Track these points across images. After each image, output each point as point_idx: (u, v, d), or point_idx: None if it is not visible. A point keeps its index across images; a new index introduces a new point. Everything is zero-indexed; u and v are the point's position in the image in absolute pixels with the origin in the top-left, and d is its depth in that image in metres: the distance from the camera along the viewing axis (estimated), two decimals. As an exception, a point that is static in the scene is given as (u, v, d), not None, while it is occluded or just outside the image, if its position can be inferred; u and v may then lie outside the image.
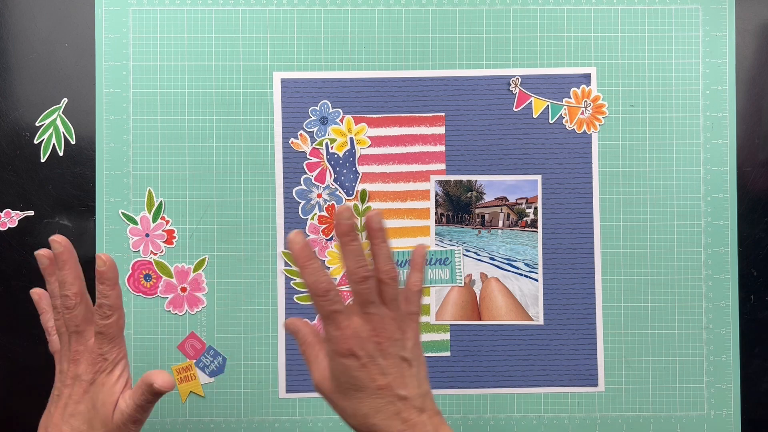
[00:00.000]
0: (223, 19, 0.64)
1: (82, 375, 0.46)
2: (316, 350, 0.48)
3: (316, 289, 0.45)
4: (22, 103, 0.64)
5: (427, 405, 0.45)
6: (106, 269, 0.47)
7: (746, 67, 0.64)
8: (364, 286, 0.44)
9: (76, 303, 0.47)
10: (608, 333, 0.64)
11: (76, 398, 0.46)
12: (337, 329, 0.45)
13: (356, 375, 0.44)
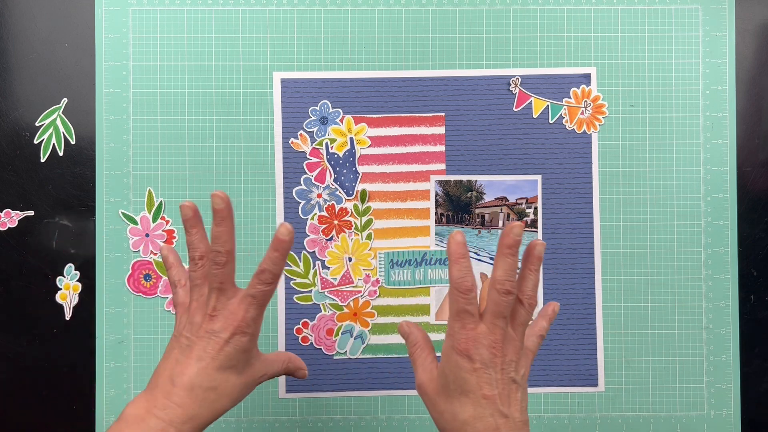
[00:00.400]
0: (223, 19, 0.64)
1: (220, 332, 0.46)
2: (425, 353, 0.49)
3: (460, 285, 0.45)
4: (22, 103, 0.64)
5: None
6: (286, 239, 0.48)
7: (746, 67, 0.65)
8: (505, 298, 0.45)
9: (227, 261, 0.47)
10: (608, 333, 0.64)
11: (212, 353, 0.46)
12: (462, 328, 0.45)
13: (465, 377, 0.44)
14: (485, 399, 0.44)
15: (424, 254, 0.64)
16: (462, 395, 0.44)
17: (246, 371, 0.47)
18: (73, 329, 0.64)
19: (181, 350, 0.46)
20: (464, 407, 0.44)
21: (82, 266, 0.64)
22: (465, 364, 0.44)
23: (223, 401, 0.46)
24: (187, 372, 0.45)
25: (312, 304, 0.64)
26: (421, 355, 0.48)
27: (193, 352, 0.46)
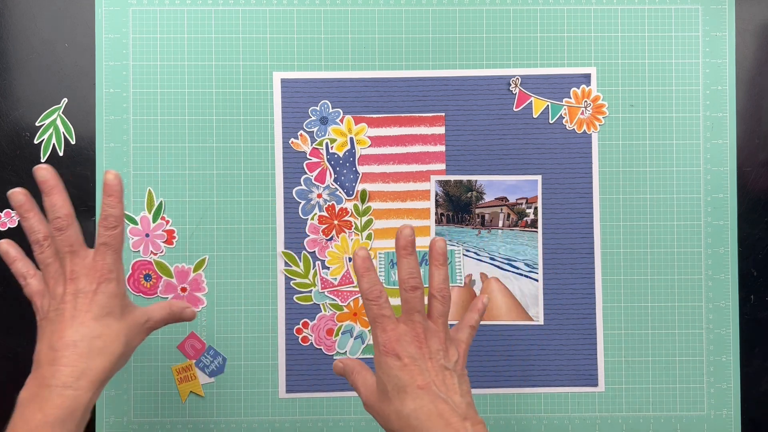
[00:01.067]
0: (223, 19, 0.64)
1: (84, 288, 0.47)
2: (362, 374, 0.51)
3: (370, 294, 0.47)
4: (22, 103, 0.64)
5: (470, 414, 0.46)
6: (115, 183, 0.48)
7: (746, 67, 0.65)
8: (413, 294, 0.47)
9: (68, 224, 0.48)
10: (608, 333, 0.64)
11: (83, 308, 0.47)
12: (383, 332, 0.47)
13: (398, 375, 0.46)
14: (421, 389, 0.46)
15: (424, 254, 0.64)
16: (400, 392, 0.46)
17: (125, 316, 0.48)
18: (73, 329, 0.64)
19: (51, 322, 0.47)
20: (404, 402, 0.46)
21: (82, 266, 0.64)
22: (395, 363, 0.46)
23: (112, 347, 0.46)
24: (65, 334, 0.46)
25: (312, 304, 0.64)
26: (359, 377, 0.50)
27: (65, 315, 0.46)
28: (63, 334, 0.46)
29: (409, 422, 0.45)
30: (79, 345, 0.45)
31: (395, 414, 0.46)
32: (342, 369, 0.52)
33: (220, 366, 0.64)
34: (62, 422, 0.44)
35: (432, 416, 0.45)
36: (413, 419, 0.45)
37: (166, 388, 0.64)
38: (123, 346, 0.48)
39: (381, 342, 0.47)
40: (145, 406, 0.64)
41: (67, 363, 0.45)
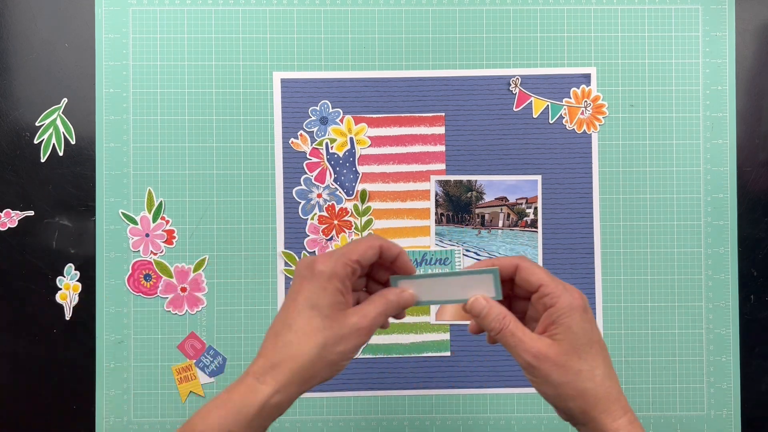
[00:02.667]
0: (223, 19, 0.64)
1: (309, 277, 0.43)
2: (519, 323, 0.44)
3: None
4: (22, 103, 0.64)
5: None
6: None
7: (746, 67, 0.64)
8: None
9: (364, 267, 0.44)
10: (608, 333, 0.64)
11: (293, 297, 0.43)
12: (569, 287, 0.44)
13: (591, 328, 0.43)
14: (600, 345, 0.43)
15: (424, 254, 0.64)
16: (592, 346, 0.42)
17: (334, 315, 0.42)
18: (73, 329, 0.64)
19: None
20: (596, 359, 0.42)
21: (82, 266, 0.64)
22: (588, 316, 0.43)
23: (301, 343, 0.41)
24: (275, 322, 0.43)
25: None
26: (519, 326, 0.43)
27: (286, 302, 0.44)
28: (275, 321, 0.43)
29: (604, 381, 0.42)
30: (279, 335, 0.42)
31: (589, 370, 0.42)
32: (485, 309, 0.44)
33: (220, 366, 0.64)
34: (237, 411, 0.41)
35: (613, 378, 0.43)
36: (607, 378, 0.42)
37: (166, 388, 0.64)
38: (318, 347, 0.41)
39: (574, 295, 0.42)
40: (145, 406, 0.64)
41: (263, 353, 0.42)
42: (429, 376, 0.64)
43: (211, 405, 0.42)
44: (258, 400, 0.41)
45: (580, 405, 0.42)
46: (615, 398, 0.42)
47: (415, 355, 0.64)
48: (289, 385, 0.41)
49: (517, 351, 0.43)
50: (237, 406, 0.41)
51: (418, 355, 0.64)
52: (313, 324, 0.41)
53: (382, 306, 0.44)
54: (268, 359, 0.41)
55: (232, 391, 0.42)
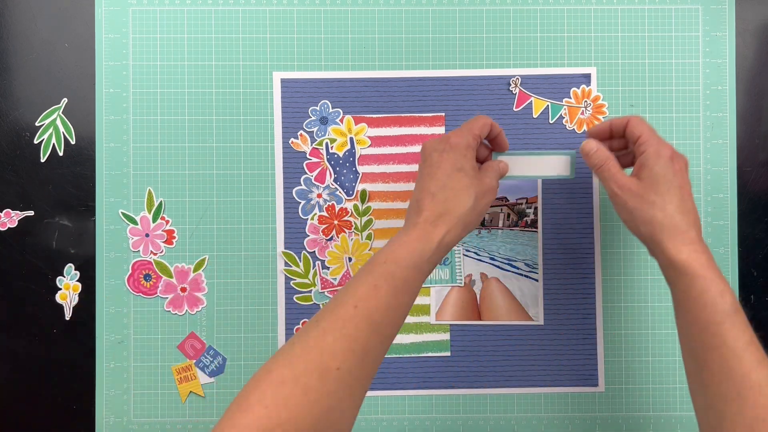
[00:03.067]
0: (223, 19, 0.64)
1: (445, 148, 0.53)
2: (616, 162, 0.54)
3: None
4: (22, 103, 0.64)
5: None
6: None
7: (746, 67, 0.64)
8: None
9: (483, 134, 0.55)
10: (608, 333, 0.64)
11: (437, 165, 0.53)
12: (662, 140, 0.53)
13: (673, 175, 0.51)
14: (682, 190, 0.50)
15: (424, 254, 0.64)
16: (670, 188, 0.50)
17: (475, 175, 0.53)
18: (73, 329, 0.64)
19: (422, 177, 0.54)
20: (672, 197, 0.50)
21: (82, 266, 0.64)
22: (673, 165, 0.51)
23: (459, 197, 0.51)
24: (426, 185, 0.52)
25: (312, 304, 0.64)
26: (615, 165, 0.53)
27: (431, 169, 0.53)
28: (424, 185, 0.52)
29: (674, 216, 0.50)
30: (436, 195, 0.51)
31: (659, 204, 0.50)
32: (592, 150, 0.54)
33: (220, 366, 0.64)
34: (421, 249, 0.49)
35: (689, 218, 0.50)
36: (677, 215, 0.50)
37: (166, 388, 0.64)
38: (472, 199, 0.51)
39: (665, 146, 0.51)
40: (145, 406, 0.64)
41: (426, 208, 0.51)
42: (429, 376, 0.64)
43: (395, 245, 0.49)
44: (435, 239, 0.50)
45: (649, 230, 0.50)
46: (682, 230, 0.49)
47: (415, 355, 0.64)
48: (456, 228, 0.51)
49: (608, 183, 0.53)
50: (419, 245, 0.49)
51: (418, 355, 0.64)
52: (464, 182, 0.52)
53: (494, 172, 0.55)
54: (434, 211, 0.51)
55: (410, 234, 0.50)
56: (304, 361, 0.43)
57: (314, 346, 0.44)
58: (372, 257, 0.49)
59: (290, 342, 0.45)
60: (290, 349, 0.44)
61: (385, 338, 0.47)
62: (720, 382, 0.45)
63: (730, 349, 0.45)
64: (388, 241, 0.50)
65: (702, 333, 0.47)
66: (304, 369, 0.43)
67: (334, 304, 0.46)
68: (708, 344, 0.46)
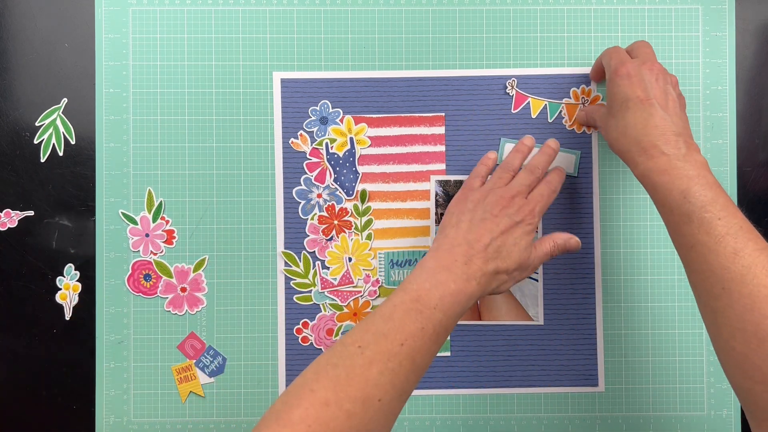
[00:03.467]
0: (223, 19, 0.64)
1: (513, 215, 0.54)
2: (599, 108, 0.59)
3: None
4: (22, 103, 0.64)
5: (686, 133, 0.52)
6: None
7: (746, 67, 0.64)
8: None
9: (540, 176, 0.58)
10: (608, 333, 0.64)
11: (502, 229, 0.53)
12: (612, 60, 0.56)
13: (624, 91, 0.53)
14: (641, 102, 0.52)
15: (424, 254, 0.64)
16: (625, 104, 0.52)
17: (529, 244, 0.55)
18: (73, 329, 0.64)
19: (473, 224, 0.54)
20: (625, 114, 0.52)
21: (82, 266, 0.64)
22: (622, 81, 0.53)
23: (508, 262, 0.52)
24: (482, 238, 0.52)
25: (312, 305, 0.64)
26: (594, 108, 0.60)
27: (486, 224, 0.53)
28: (481, 237, 0.52)
29: (627, 131, 0.51)
30: (489, 247, 0.52)
31: (614, 126, 0.53)
32: (584, 115, 0.61)
33: (220, 366, 0.64)
34: (464, 306, 0.50)
35: (648, 126, 0.50)
36: (630, 128, 0.51)
37: (166, 388, 0.64)
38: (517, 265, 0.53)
39: (613, 66, 0.54)
40: (145, 406, 0.64)
41: (477, 259, 0.51)
42: (429, 376, 0.64)
43: (444, 292, 0.49)
44: (477, 295, 0.51)
45: (618, 149, 0.53)
46: (637, 141, 0.51)
47: (415, 355, 0.64)
48: (492, 286, 0.53)
49: (594, 124, 0.60)
50: (465, 299, 0.50)
51: (418, 355, 0.64)
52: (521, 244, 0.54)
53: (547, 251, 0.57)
54: (485, 267, 0.52)
55: (458, 285, 0.50)
56: (348, 387, 0.44)
57: (360, 375, 0.45)
58: (419, 291, 0.49)
59: (332, 363, 0.46)
60: (334, 372, 0.45)
61: (418, 377, 0.48)
62: (704, 279, 0.46)
63: (704, 245, 0.46)
64: (431, 273, 0.50)
65: (676, 236, 0.49)
66: (348, 395, 0.44)
67: (379, 335, 0.47)
68: (684, 245, 0.48)
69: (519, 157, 0.59)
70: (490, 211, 0.53)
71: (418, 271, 0.51)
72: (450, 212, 0.56)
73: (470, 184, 0.58)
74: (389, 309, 0.49)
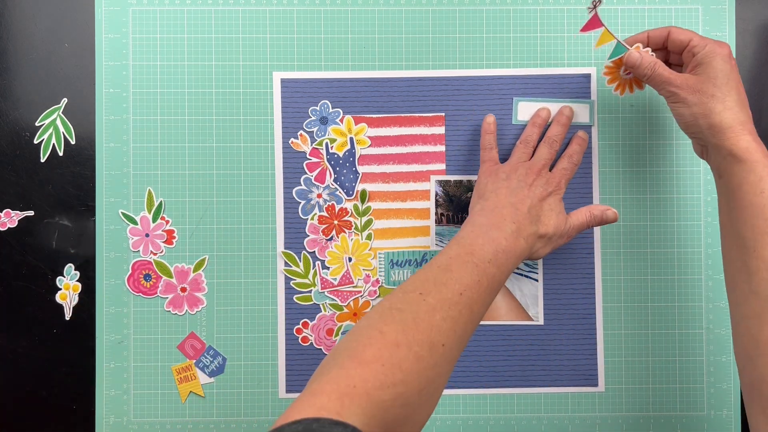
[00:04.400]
0: (223, 19, 0.64)
1: (545, 186, 0.58)
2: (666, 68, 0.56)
3: None
4: (22, 103, 0.64)
5: None
6: None
7: (746, 67, 0.64)
8: None
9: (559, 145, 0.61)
10: (608, 333, 0.64)
11: (538, 197, 0.57)
12: None
13: None
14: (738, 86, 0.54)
15: (424, 254, 0.64)
16: (728, 82, 0.53)
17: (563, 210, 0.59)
18: (73, 329, 0.64)
19: (512, 190, 0.57)
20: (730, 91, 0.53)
21: (82, 266, 0.64)
22: (731, 62, 0.54)
23: (548, 227, 0.56)
24: (525, 203, 0.56)
25: (312, 304, 0.64)
26: (665, 68, 0.56)
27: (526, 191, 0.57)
28: (523, 201, 0.56)
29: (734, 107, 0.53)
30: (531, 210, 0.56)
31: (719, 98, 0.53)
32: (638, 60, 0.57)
33: (220, 366, 0.64)
34: (514, 263, 0.54)
35: (746, 107, 0.53)
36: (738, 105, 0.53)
37: (166, 388, 0.64)
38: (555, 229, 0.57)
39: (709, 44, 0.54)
40: (145, 406, 0.64)
41: (525, 221, 0.55)
42: (429, 376, 0.64)
43: (498, 247, 0.52)
44: (525, 255, 0.55)
45: (709, 122, 0.53)
46: (742, 120, 0.52)
47: (415, 355, 0.64)
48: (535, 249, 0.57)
49: (664, 85, 0.55)
50: (514, 257, 0.54)
51: (418, 355, 0.64)
52: (560, 207, 0.59)
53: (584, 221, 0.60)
54: (532, 228, 0.56)
55: (509, 242, 0.53)
56: (416, 331, 0.45)
57: (425, 320, 0.46)
58: (473, 246, 0.52)
59: (397, 308, 0.47)
60: (400, 316, 0.46)
61: (475, 326, 0.50)
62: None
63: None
64: (483, 230, 0.53)
65: (755, 218, 0.49)
66: (416, 339, 0.45)
67: (439, 283, 0.49)
68: (761, 229, 0.49)
69: (536, 131, 0.61)
70: (524, 181, 0.57)
71: (468, 228, 0.54)
72: (483, 182, 0.59)
73: (489, 156, 0.61)
74: (445, 260, 0.51)
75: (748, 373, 0.49)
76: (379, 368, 0.43)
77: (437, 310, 0.47)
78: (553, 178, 0.58)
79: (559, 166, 0.60)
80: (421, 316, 0.46)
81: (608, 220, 0.60)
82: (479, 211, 0.56)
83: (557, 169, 0.59)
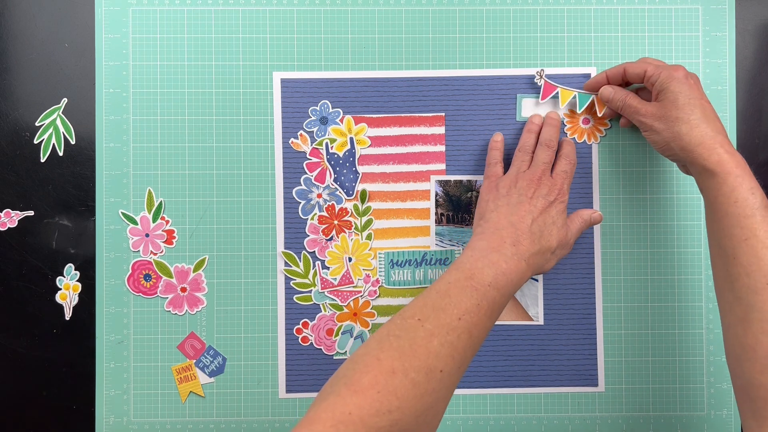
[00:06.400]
0: (223, 19, 0.64)
1: (547, 195, 0.57)
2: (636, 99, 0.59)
3: None
4: (22, 103, 0.64)
5: None
6: None
7: (746, 67, 0.64)
8: None
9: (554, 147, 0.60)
10: (608, 333, 0.64)
11: (540, 209, 0.56)
12: None
13: None
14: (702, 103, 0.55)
15: (424, 254, 0.64)
16: (691, 101, 0.54)
17: (565, 222, 0.58)
18: (73, 329, 0.64)
19: (513, 202, 0.57)
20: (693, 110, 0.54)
21: (82, 266, 0.64)
22: (688, 81, 0.55)
23: (551, 241, 0.56)
24: (525, 220, 0.56)
25: (312, 304, 0.64)
26: (635, 99, 0.58)
27: (523, 206, 0.56)
28: (523, 221, 0.56)
29: (699, 125, 0.54)
30: (532, 228, 0.55)
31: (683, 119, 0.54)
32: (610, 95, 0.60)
33: (220, 366, 0.64)
34: (515, 285, 0.53)
35: (717, 123, 0.54)
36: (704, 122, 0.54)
37: (166, 388, 0.64)
38: (558, 244, 0.57)
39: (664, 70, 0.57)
40: (145, 406, 0.64)
41: (524, 240, 0.55)
42: (429, 376, 0.64)
43: (497, 270, 0.52)
44: (527, 276, 0.55)
45: (680, 144, 0.54)
46: (710, 135, 0.53)
47: (415, 355, 0.64)
48: (536, 268, 0.56)
49: (634, 116, 0.58)
50: (516, 279, 0.53)
51: (418, 355, 0.64)
52: (559, 222, 0.58)
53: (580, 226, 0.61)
54: (531, 248, 0.55)
55: (510, 265, 0.53)
56: (413, 357, 0.46)
57: (422, 346, 0.46)
58: (473, 270, 0.52)
59: (394, 335, 0.47)
60: (397, 342, 0.46)
61: (475, 351, 0.50)
62: (749, 273, 0.49)
63: (759, 240, 0.49)
64: (483, 254, 0.53)
65: (732, 227, 0.50)
66: (413, 365, 0.45)
67: (437, 309, 0.49)
68: (738, 237, 0.50)
69: (533, 137, 0.61)
70: (525, 194, 0.57)
71: (468, 252, 0.54)
72: (484, 200, 0.59)
73: (493, 172, 0.61)
74: (444, 286, 0.51)
75: (737, 377, 0.49)
76: (375, 395, 0.43)
77: (435, 335, 0.47)
78: (554, 185, 0.58)
79: (558, 169, 0.59)
80: (418, 342, 0.46)
81: (595, 221, 0.61)
82: (479, 234, 0.56)
83: (557, 173, 0.59)
